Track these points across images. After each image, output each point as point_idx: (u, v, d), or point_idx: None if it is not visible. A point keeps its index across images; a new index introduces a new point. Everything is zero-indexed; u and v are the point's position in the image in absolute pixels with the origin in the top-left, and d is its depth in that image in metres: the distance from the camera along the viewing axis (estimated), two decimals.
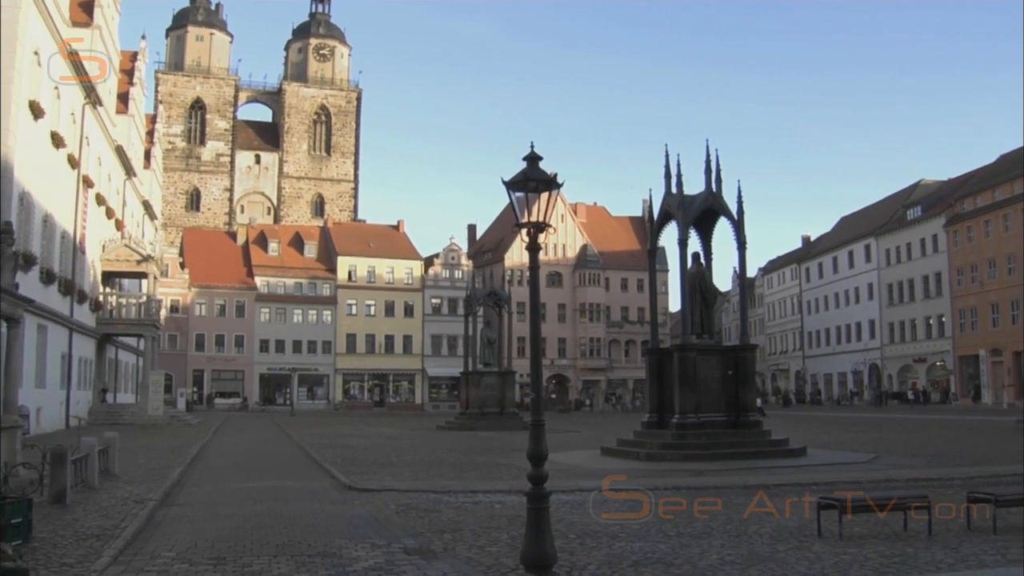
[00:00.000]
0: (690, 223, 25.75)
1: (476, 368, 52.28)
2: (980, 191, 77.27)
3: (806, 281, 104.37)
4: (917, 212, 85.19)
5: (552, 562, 8.84)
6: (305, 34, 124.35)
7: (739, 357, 25.99)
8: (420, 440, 36.98)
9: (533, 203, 9.15)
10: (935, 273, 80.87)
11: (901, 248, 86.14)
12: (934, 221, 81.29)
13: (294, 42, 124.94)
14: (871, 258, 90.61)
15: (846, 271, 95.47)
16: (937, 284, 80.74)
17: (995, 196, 74.65)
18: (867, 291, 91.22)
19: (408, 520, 13.52)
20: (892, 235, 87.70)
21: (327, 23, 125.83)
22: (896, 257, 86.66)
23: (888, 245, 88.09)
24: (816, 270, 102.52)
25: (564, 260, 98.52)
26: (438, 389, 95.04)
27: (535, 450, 8.90)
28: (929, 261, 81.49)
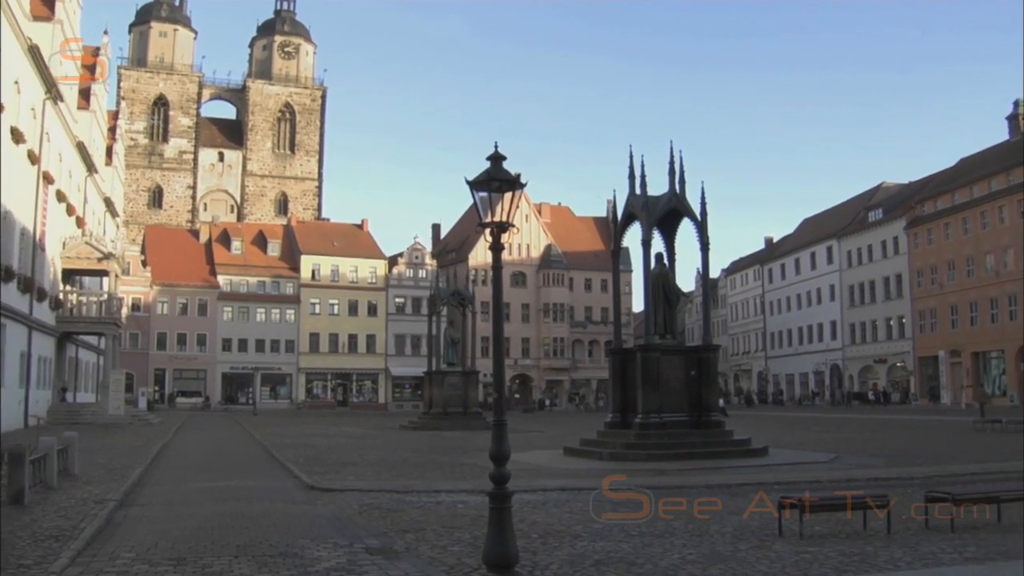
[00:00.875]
0: (654, 224, 25.85)
1: (440, 368, 52.21)
2: (940, 194, 78.13)
3: (769, 282, 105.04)
4: (878, 214, 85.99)
5: (514, 562, 8.85)
6: (270, 31, 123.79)
7: (702, 357, 26.13)
8: (383, 440, 36.89)
9: (496, 203, 9.15)
10: (896, 275, 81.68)
11: (863, 250, 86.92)
12: (895, 223, 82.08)
13: (259, 39, 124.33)
14: (833, 260, 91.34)
15: (808, 272, 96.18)
16: (898, 286, 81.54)
17: (954, 199, 75.52)
18: (829, 292, 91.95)
19: (371, 520, 13.48)
20: (854, 237, 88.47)
21: (292, 20, 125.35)
22: (857, 259, 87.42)
23: (850, 247, 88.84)
24: (779, 271, 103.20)
25: (528, 260, 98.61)
26: (402, 389, 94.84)
27: (497, 450, 8.91)
28: (890, 263, 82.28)
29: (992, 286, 69.97)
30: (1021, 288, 66.98)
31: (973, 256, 72.16)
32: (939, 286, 75.92)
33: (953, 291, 74.20)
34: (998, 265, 69.45)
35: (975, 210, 72.36)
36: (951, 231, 75.01)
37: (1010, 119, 79.23)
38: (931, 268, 77.05)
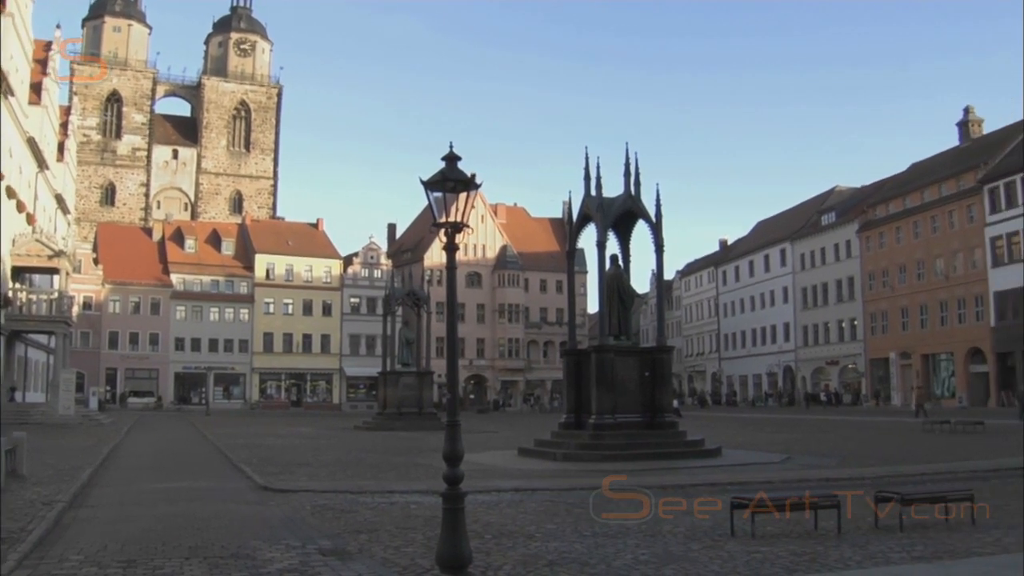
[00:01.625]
0: (609, 225, 25.95)
1: (394, 368, 52.09)
2: (892, 198, 79.09)
3: (723, 284, 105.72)
4: (831, 218, 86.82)
5: (467, 562, 8.85)
6: (226, 28, 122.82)
7: (656, 358, 26.23)
8: (337, 440, 36.75)
9: (451, 203, 9.14)
10: (848, 278, 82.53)
11: (816, 253, 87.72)
12: (847, 227, 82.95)
13: (214, 36, 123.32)
14: (786, 262, 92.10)
15: (762, 275, 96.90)
16: (850, 288, 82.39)
17: (906, 204, 76.47)
18: (782, 294, 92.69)
19: (324, 521, 13.44)
20: (807, 240, 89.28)
21: (248, 17, 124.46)
22: (810, 261, 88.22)
23: (803, 250, 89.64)
24: (733, 273, 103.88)
25: (483, 261, 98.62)
26: (356, 389, 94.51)
27: (451, 450, 8.90)
28: (842, 266, 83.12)
29: (942, 289, 70.92)
30: (970, 292, 67.99)
31: (923, 260, 73.14)
32: (890, 289, 76.84)
33: (904, 294, 75.12)
34: (948, 269, 70.42)
35: (926, 214, 73.35)
36: (902, 235, 75.94)
37: (960, 125, 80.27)
38: (882, 271, 77.97)
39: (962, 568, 9.52)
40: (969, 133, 78.60)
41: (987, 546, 10.92)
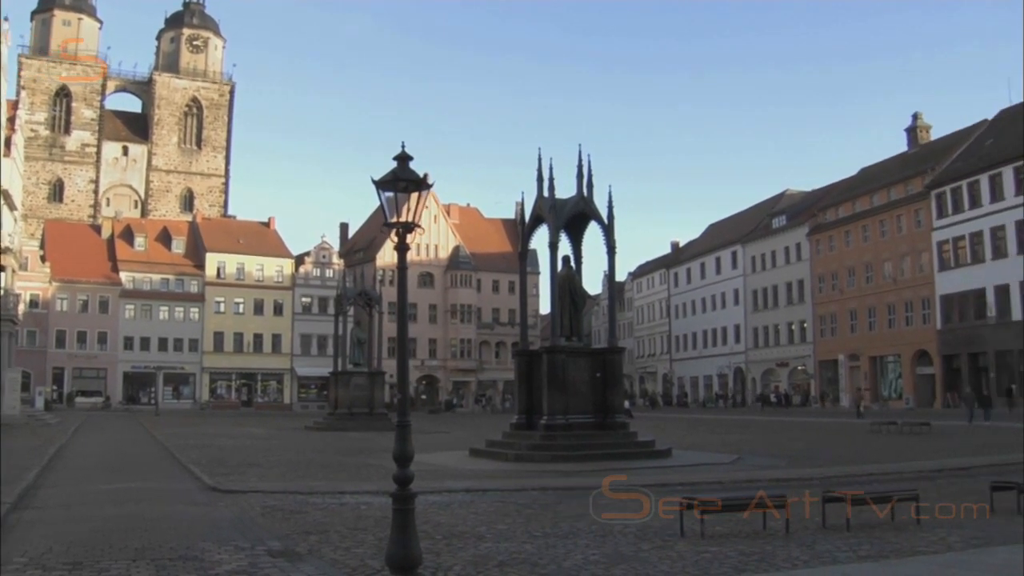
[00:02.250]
0: (561, 227, 26.01)
1: (346, 368, 51.95)
2: (841, 202, 80.00)
3: (674, 286, 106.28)
4: (782, 221, 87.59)
5: (417, 563, 8.84)
6: (178, 24, 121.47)
7: (607, 359, 26.34)
8: (288, 441, 36.59)
9: (403, 203, 9.12)
10: (798, 280, 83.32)
11: (766, 255, 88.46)
12: (798, 230, 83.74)
13: (166, 32, 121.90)
14: (737, 264, 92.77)
15: (713, 277, 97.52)
16: (800, 291, 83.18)
17: (855, 208, 77.41)
18: (733, 297, 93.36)
19: (273, 522, 13.36)
20: (758, 243, 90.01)
21: (201, 13, 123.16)
22: (761, 264, 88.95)
23: (754, 252, 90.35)
24: (684, 275, 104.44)
25: (436, 261, 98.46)
26: (307, 389, 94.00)
27: (401, 451, 8.89)
28: (792, 269, 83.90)
29: (890, 292, 71.81)
30: (917, 295, 68.92)
31: (872, 263, 74.04)
32: (839, 292, 77.69)
33: (853, 297, 75.99)
34: (896, 272, 71.34)
35: (875, 218, 74.28)
36: (851, 239, 76.81)
37: (909, 131, 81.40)
38: (832, 274, 78.81)
39: (907, 567, 9.65)
40: (917, 139, 79.76)
41: (931, 545, 11.08)
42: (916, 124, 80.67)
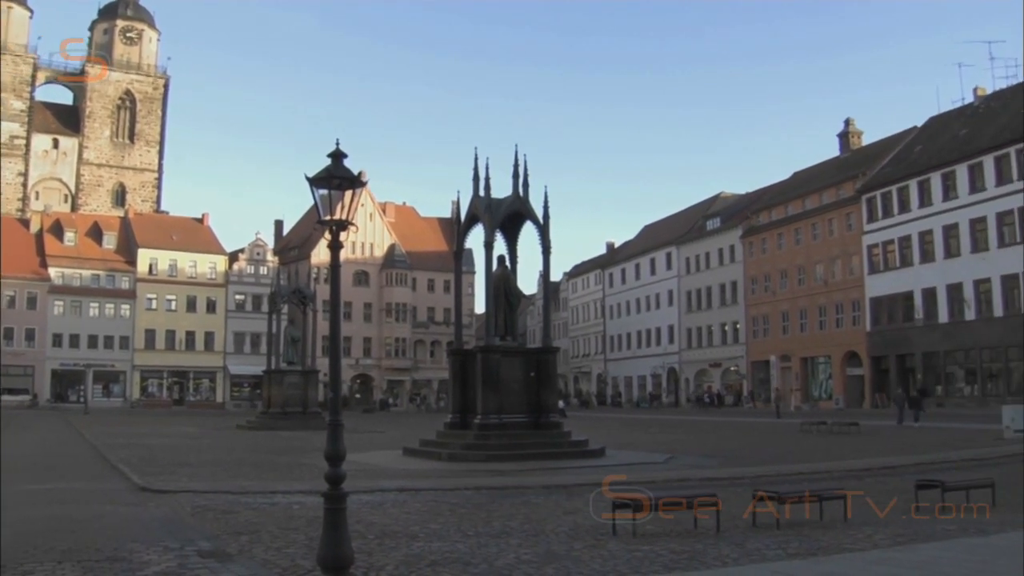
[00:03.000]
0: (496, 226, 26.05)
1: (279, 367, 51.59)
2: (774, 205, 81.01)
3: (609, 286, 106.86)
4: (716, 223, 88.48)
5: (349, 563, 8.80)
6: (112, 15, 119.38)
7: (541, 359, 26.43)
8: (220, 440, 36.27)
9: (337, 201, 9.07)
10: (731, 282, 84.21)
11: (700, 257, 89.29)
12: (731, 232, 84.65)
13: (100, 23, 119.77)
14: (672, 266, 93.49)
15: (648, 278, 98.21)
16: (733, 292, 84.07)
17: (788, 211, 78.42)
18: (667, 297, 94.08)
19: (204, 522, 13.22)
20: (692, 244, 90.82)
21: (136, 5, 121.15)
22: (695, 266, 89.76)
23: (688, 254, 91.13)
24: (619, 276, 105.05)
25: (371, 259, 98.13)
26: (240, 387, 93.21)
27: (332, 450, 8.83)
28: (726, 270, 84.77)
29: (821, 295, 72.87)
30: (847, 297, 70.00)
31: (804, 266, 75.06)
32: (772, 294, 78.66)
33: (785, 299, 76.98)
34: (827, 275, 72.40)
35: (807, 222, 75.33)
36: (784, 241, 77.82)
37: (841, 136, 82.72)
38: (764, 276, 79.76)
39: (834, 565, 9.79)
40: (849, 144, 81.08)
41: (858, 542, 11.24)
42: (848, 129, 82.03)
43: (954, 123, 67.24)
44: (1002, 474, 18.50)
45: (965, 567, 9.38)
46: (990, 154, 58.42)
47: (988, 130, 61.27)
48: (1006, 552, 10.21)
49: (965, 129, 64.47)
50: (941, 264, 61.23)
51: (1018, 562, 9.55)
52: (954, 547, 10.72)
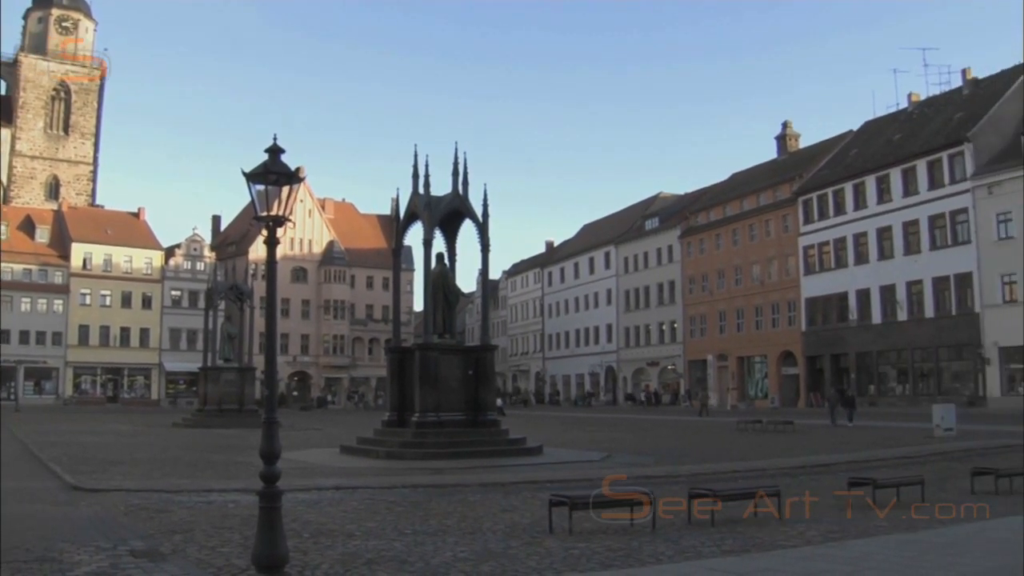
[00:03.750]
0: (435, 224, 26.06)
1: (215, 364, 51.14)
2: (712, 206, 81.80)
3: (548, 285, 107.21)
4: (655, 223, 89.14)
5: (284, 562, 8.74)
6: (47, 3, 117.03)
7: (479, 357, 26.48)
8: (154, 437, 35.84)
9: (274, 197, 8.99)
10: (669, 282, 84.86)
11: (639, 256, 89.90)
12: (670, 232, 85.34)
13: (34, 11, 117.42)
14: (610, 265, 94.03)
15: (586, 277, 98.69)
16: (671, 292, 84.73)
17: (725, 212, 79.25)
18: (606, 296, 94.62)
19: (137, 521, 13.04)
20: (631, 244, 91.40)
21: None
22: (634, 265, 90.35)
23: (627, 253, 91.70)
24: (558, 274, 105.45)
25: (310, 256, 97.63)
26: (176, 384, 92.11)
27: (268, 448, 8.77)
28: (664, 270, 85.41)
29: (758, 295, 73.71)
30: (783, 298, 70.87)
31: (741, 266, 75.88)
32: (709, 293, 79.40)
33: (722, 299, 77.75)
34: (764, 275, 73.25)
35: (744, 223, 76.18)
36: (722, 242, 78.59)
37: (779, 139, 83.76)
38: (702, 276, 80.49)
39: (767, 560, 9.91)
40: (786, 146, 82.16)
41: (792, 539, 11.39)
42: (785, 132, 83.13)
43: (889, 128, 68.45)
44: (932, 472, 18.91)
45: (895, 563, 9.53)
46: (923, 159, 59.56)
47: (921, 135, 62.42)
48: (935, 548, 10.39)
49: (899, 134, 65.64)
50: (875, 266, 62.28)
51: (946, 557, 9.74)
52: (884, 543, 10.89)
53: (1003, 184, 54.11)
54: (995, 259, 54.23)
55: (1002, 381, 54.42)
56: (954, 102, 64.04)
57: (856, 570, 9.19)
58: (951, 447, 26.51)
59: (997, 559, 9.65)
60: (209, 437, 35.65)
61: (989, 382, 54.81)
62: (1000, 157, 55.40)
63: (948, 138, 58.33)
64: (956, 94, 65.35)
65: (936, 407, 33.68)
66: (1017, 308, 52.91)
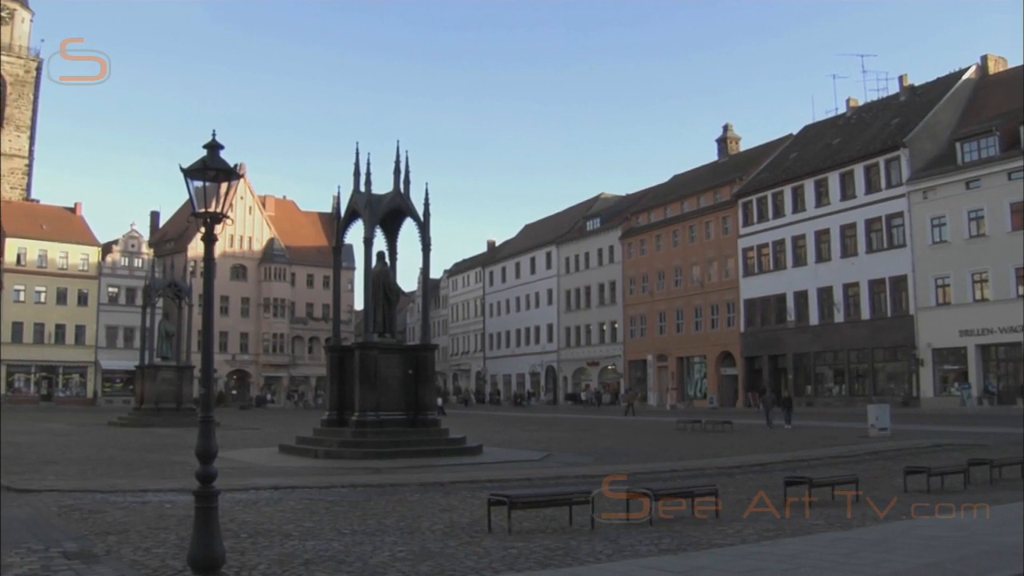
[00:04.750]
0: (376, 222, 25.97)
1: (153, 362, 50.55)
2: (653, 207, 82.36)
3: (489, 284, 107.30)
4: (596, 224, 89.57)
5: (220, 563, 8.67)
6: None
7: (420, 356, 26.46)
8: (90, 437, 35.36)
9: (212, 193, 8.91)
10: (610, 282, 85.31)
11: (580, 257, 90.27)
12: (611, 233, 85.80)
13: None
14: (552, 265, 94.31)
15: (528, 276, 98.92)
16: (612, 292, 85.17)
17: (666, 213, 79.82)
18: (547, 296, 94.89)
19: (70, 522, 12.85)
20: (572, 244, 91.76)
21: None
22: (575, 265, 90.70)
23: (568, 253, 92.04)
24: (499, 274, 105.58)
25: (250, 253, 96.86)
26: (112, 383, 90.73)
27: (204, 447, 8.69)
28: (605, 270, 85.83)
29: (697, 296, 74.32)
30: (723, 299, 71.52)
31: (681, 267, 76.46)
32: (649, 294, 79.90)
33: (662, 299, 78.29)
34: (703, 277, 73.86)
35: (684, 224, 76.78)
36: (662, 243, 79.15)
37: (719, 142, 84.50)
38: (643, 277, 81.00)
39: (703, 558, 10.01)
40: (727, 149, 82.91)
41: (728, 537, 11.50)
42: (726, 135, 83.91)
43: (827, 132, 69.43)
44: (866, 471, 19.22)
45: (828, 560, 9.67)
46: (860, 163, 60.46)
47: (859, 140, 63.36)
48: (868, 544, 10.56)
49: (838, 138, 66.60)
50: (813, 268, 63.08)
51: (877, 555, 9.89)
52: (819, 541, 11.05)
53: (937, 189, 55.12)
54: (929, 262, 55.24)
55: (935, 382, 55.47)
56: (891, 108, 65.10)
57: (790, 568, 9.31)
58: (885, 446, 26.94)
59: (927, 556, 9.81)
60: (146, 436, 35.26)
61: (923, 383, 55.82)
62: (935, 163, 56.45)
63: (885, 143, 59.26)
64: (893, 100, 66.46)
65: (871, 407, 34.20)
66: (950, 311, 54.01)
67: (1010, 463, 18.60)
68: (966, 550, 10.18)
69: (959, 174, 54.03)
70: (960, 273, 53.65)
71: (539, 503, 12.86)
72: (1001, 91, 58.53)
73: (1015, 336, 50.87)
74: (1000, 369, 53.83)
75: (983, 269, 52.69)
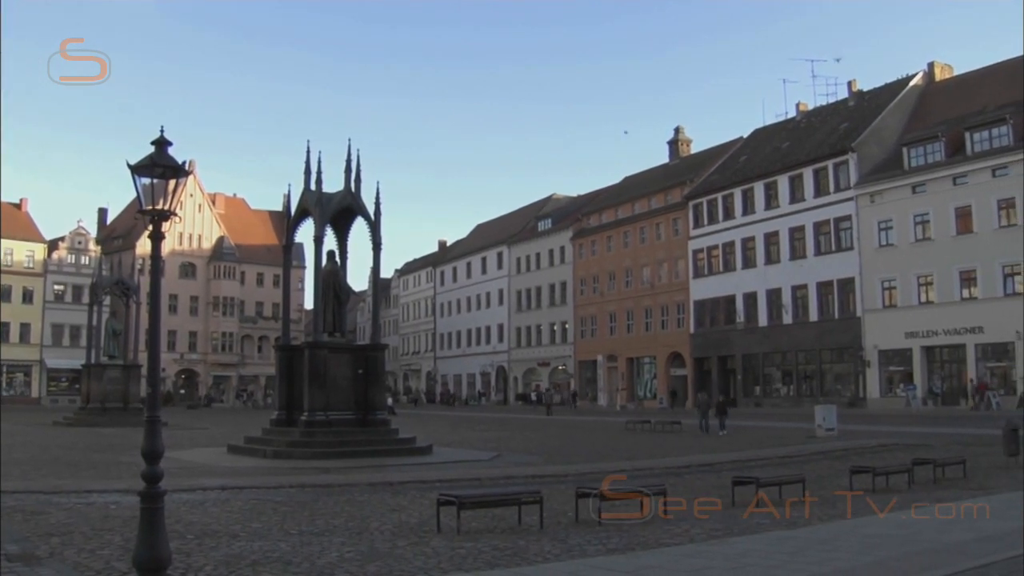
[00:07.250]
0: (327, 221, 25.90)
1: (99, 361, 49.97)
2: (604, 208, 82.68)
3: (440, 284, 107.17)
4: (547, 224, 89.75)
5: (166, 564, 8.57)
6: None
7: (369, 356, 26.41)
8: (34, 437, 34.91)
9: (160, 190, 8.80)
10: (561, 283, 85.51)
11: (531, 257, 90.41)
12: (562, 234, 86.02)
13: None
14: (503, 265, 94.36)
15: (479, 276, 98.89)
16: (562, 293, 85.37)
17: (617, 214, 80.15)
18: (498, 296, 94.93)
19: (12, 524, 12.63)
20: (523, 244, 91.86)
21: None
22: (526, 266, 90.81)
23: (519, 254, 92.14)
24: (451, 274, 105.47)
25: (199, 251, 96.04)
26: (58, 382, 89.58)
27: (149, 447, 8.58)
28: (556, 271, 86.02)
29: (647, 297, 74.66)
30: (673, 300, 71.92)
31: (631, 268, 76.78)
32: (600, 295, 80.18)
33: (612, 300, 78.58)
34: (654, 278, 74.22)
35: (635, 225, 77.12)
36: (613, 244, 79.45)
37: (671, 144, 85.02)
38: (593, 278, 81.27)
39: (651, 557, 10.07)
40: (678, 151, 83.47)
41: (676, 537, 11.61)
42: (677, 137, 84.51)
43: (777, 136, 70.09)
44: (813, 470, 19.44)
45: (774, 558, 9.77)
46: (809, 167, 61.08)
47: (808, 144, 63.99)
48: (814, 543, 10.69)
49: (788, 142, 67.24)
50: (762, 270, 63.61)
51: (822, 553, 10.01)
52: (765, 540, 11.18)
53: (884, 193, 55.81)
54: (876, 265, 55.92)
55: (881, 383, 56.17)
56: (840, 113, 65.83)
57: (737, 566, 9.40)
58: (832, 446, 27.25)
59: (871, 554, 9.95)
60: (91, 436, 34.90)
61: (869, 384, 56.49)
62: (882, 167, 57.15)
63: (833, 147, 59.91)
64: (842, 105, 67.22)
65: (818, 408, 34.56)
66: (896, 312, 54.72)
67: (953, 463, 18.96)
68: (909, 548, 10.33)
69: (906, 179, 54.74)
70: (906, 276, 54.35)
71: (488, 503, 12.89)
72: (947, 97, 59.45)
73: (959, 338, 51.72)
74: (944, 370, 54.58)
75: (928, 272, 53.45)
